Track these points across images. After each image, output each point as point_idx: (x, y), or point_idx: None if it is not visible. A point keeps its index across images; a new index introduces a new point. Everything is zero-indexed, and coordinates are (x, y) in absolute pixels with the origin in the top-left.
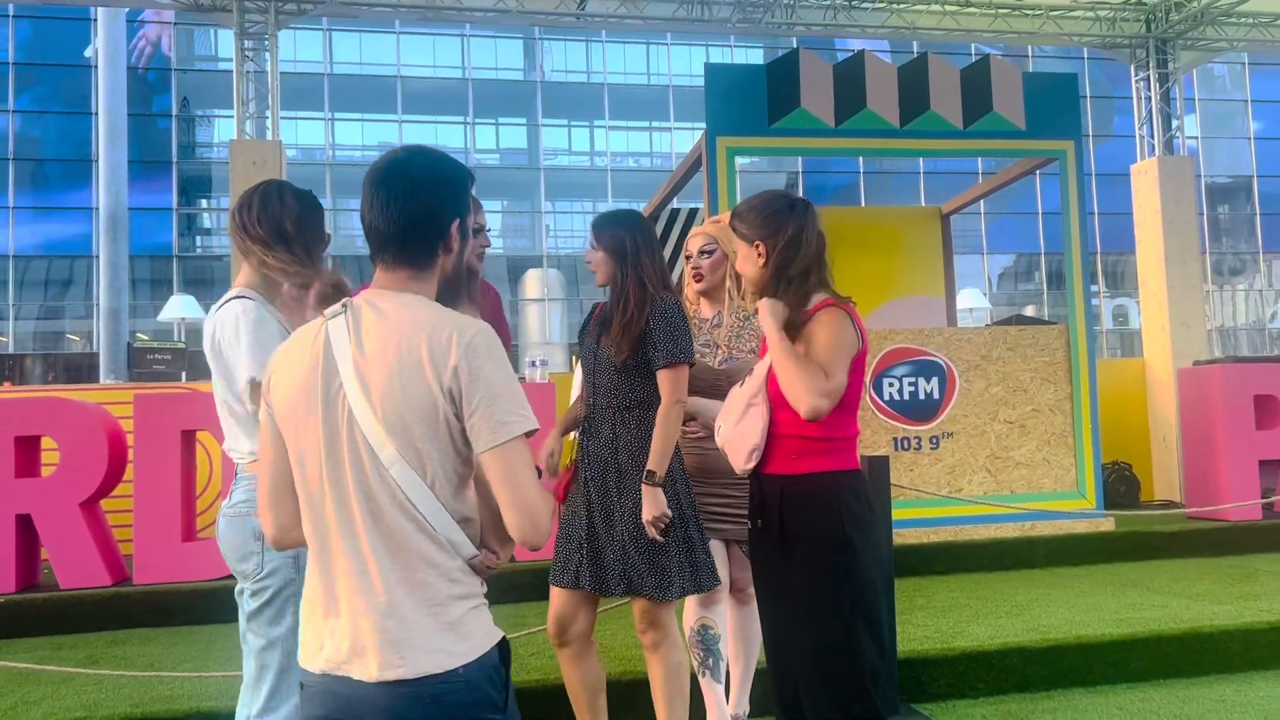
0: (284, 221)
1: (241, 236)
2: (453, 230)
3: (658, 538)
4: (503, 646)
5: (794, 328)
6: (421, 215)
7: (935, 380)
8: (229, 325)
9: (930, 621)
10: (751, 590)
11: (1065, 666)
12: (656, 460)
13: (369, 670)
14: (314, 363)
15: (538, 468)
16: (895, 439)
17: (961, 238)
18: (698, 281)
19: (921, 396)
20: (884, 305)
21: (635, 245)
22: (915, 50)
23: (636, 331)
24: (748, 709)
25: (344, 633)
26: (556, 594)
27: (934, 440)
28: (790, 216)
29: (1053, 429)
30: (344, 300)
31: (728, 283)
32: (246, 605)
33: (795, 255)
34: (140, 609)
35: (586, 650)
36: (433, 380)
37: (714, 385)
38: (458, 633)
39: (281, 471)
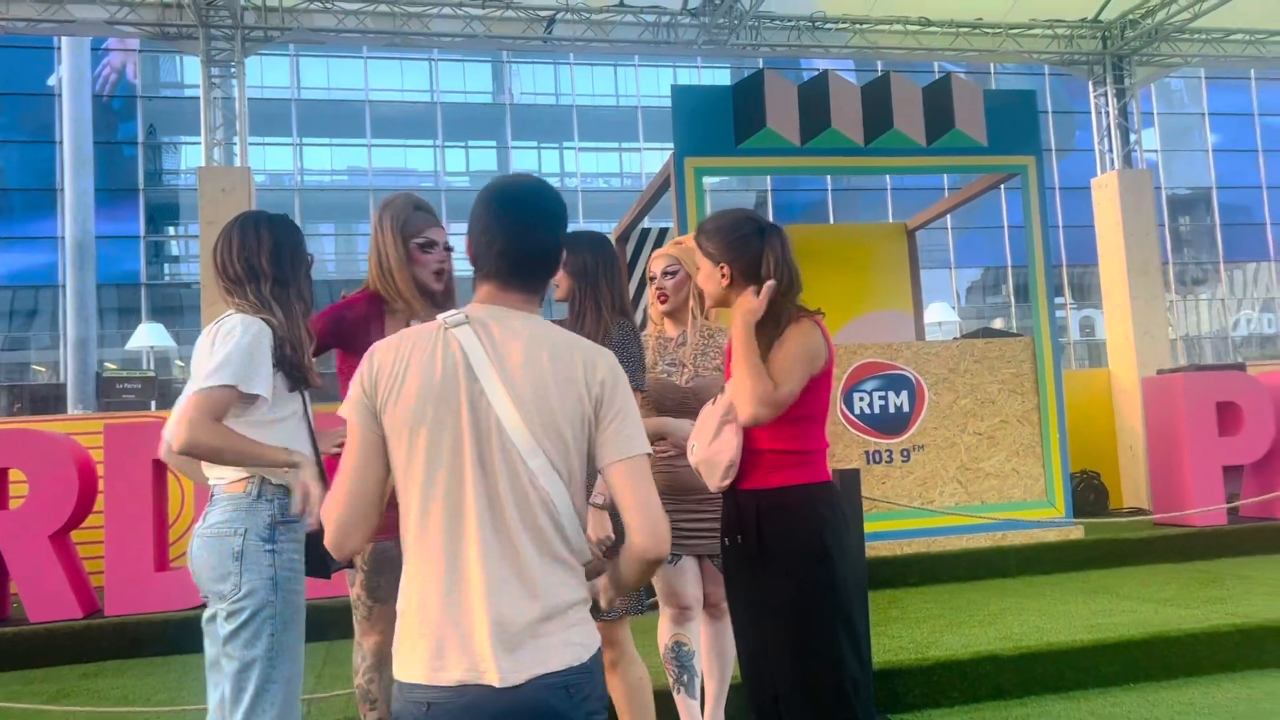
0: (259, 258)
1: (217, 276)
2: (562, 261)
3: (600, 558)
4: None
5: (765, 343)
6: (553, 246)
7: (905, 394)
8: (223, 330)
9: (905, 632)
10: (725, 605)
11: (1037, 673)
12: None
13: (513, 674)
14: (449, 369)
15: None
16: (866, 452)
17: (929, 252)
18: (663, 303)
19: (891, 410)
20: (853, 321)
21: (596, 267)
22: (879, 70)
23: None
24: None
25: (482, 638)
26: None
27: (905, 453)
28: (759, 242)
29: (1021, 440)
30: (462, 311)
31: (691, 302)
32: (222, 628)
33: (760, 280)
34: (112, 641)
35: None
36: (585, 392)
37: (682, 404)
38: (583, 628)
39: (378, 482)
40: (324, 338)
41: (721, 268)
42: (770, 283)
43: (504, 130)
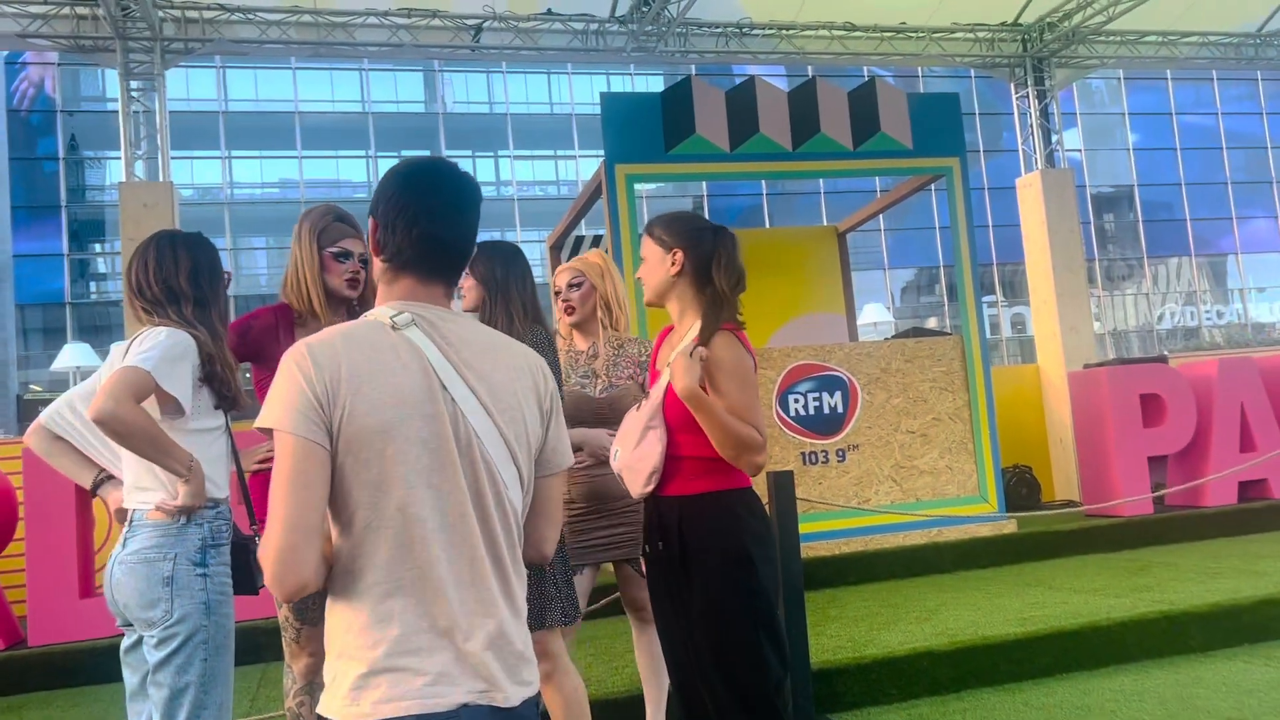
0: (177, 280)
1: (133, 297)
2: None
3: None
4: None
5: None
6: (473, 231)
7: (839, 394)
8: (145, 335)
9: (843, 631)
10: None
11: (972, 667)
12: None
13: (512, 691)
14: (418, 375)
15: None
16: (803, 453)
17: (864, 254)
18: (569, 315)
19: (826, 411)
20: (787, 324)
21: (505, 275)
22: (810, 74)
23: None
24: None
25: (488, 658)
26: None
27: (840, 453)
28: (712, 238)
29: (953, 436)
30: (403, 310)
31: (599, 314)
32: (151, 655)
33: (709, 275)
34: (37, 672)
35: (568, 666)
36: (541, 403)
37: (598, 415)
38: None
39: (323, 503)
40: (232, 350)
41: (674, 253)
42: (701, 349)
43: (438, 140)
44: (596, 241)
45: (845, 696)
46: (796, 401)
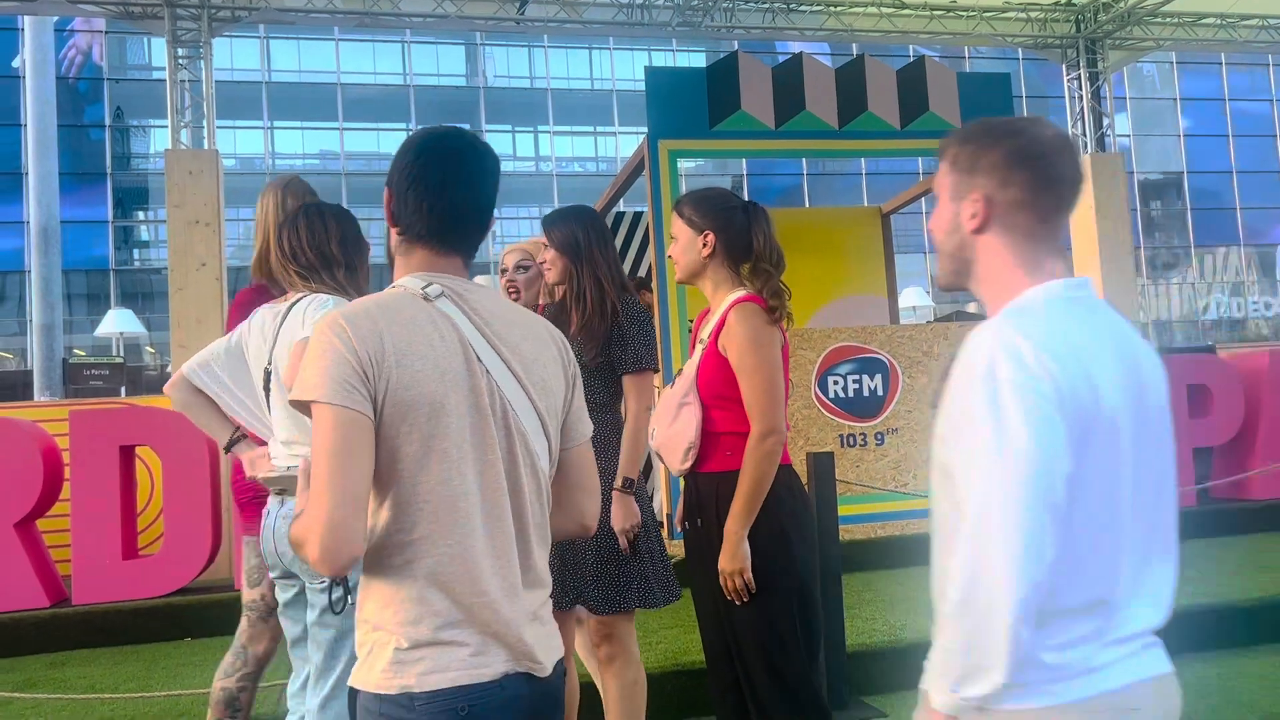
0: (329, 246)
1: (286, 263)
2: None
3: (626, 548)
4: None
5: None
6: (489, 202)
7: (879, 377)
8: (316, 303)
9: (879, 615)
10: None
11: None
12: (629, 467)
13: (548, 660)
14: (451, 344)
15: None
16: (840, 436)
17: (904, 237)
18: (514, 297)
19: (865, 393)
20: (828, 305)
21: (589, 241)
22: (854, 52)
23: (602, 332)
24: None
25: (527, 627)
26: None
27: (879, 436)
28: (745, 217)
29: None
30: (433, 281)
31: (542, 298)
32: (319, 599)
33: (742, 254)
34: (80, 630)
35: (570, 667)
36: (565, 374)
37: None
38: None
39: (369, 474)
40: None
41: (705, 235)
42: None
43: (478, 113)
44: (637, 219)
45: (880, 680)
46: (836, 383)
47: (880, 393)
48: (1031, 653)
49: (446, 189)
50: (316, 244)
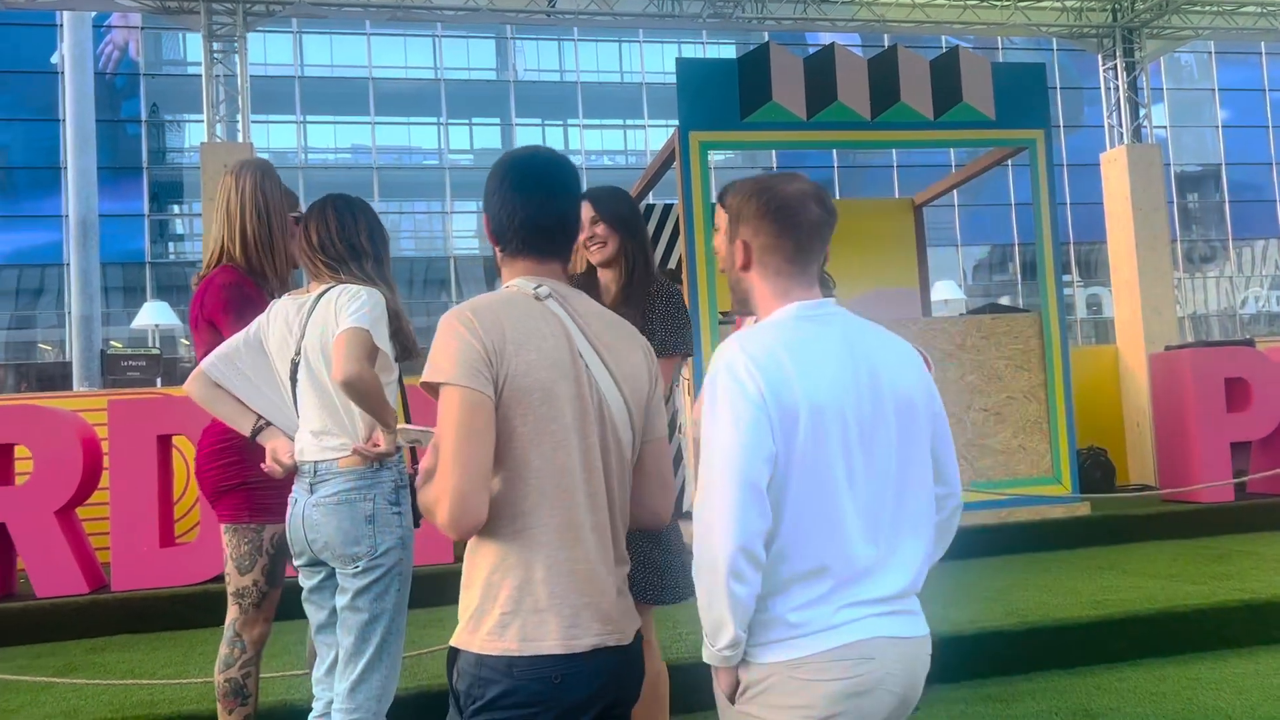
0: (359, 238)
1: (313, 254)
2: None
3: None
4: None
5: None
6: (574, 213)
7: None
8: (347, 293)
9: None
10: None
11: (1043, 649)
12: None
13: (631, 630)
14: (560, 340)
15: None
16: None
17: (935, 230)
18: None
19: None
20: (859, 297)
21: (633, 218)
22: (886, 44)
23: (640, 306)
24: None
25: (614, 602)
26: None
27: None
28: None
29: (1028, 416)
30: (543, 283)
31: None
32: (350, 584)
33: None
34: (118, 616)
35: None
36: (649, 374)
37: None
38: None
39: (491, 450)
40: (233, 312)
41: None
42: None
43: (508, 107)
44: (667, 211)
45: None
46: None
47: None
48: (778, 614)
49: (532, 207)
50: (346, 236)
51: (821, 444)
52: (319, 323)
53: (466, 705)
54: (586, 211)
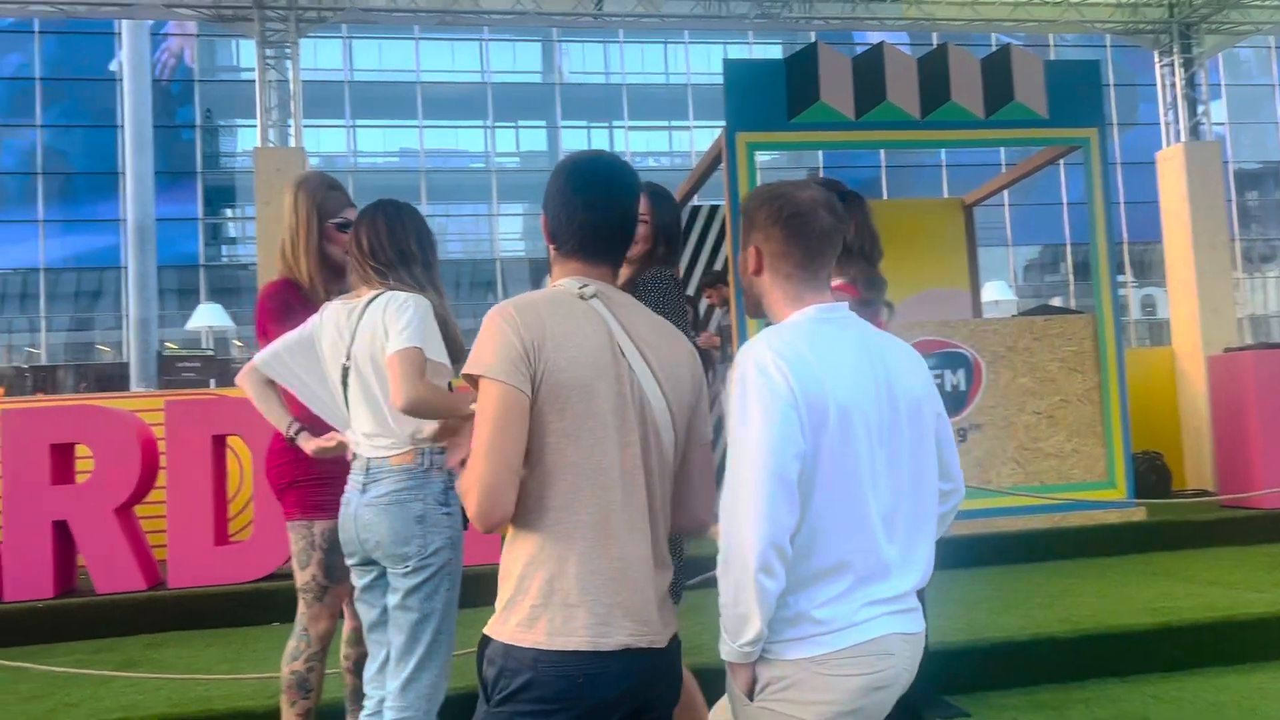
0: (408, 244)
1: (364, 260)
2: None
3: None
4: None
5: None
6: (631, 218)
7: (961, 372)
8: (394, 304)
9: (960, 613)
10: None
11: (1098, 656)
12: None
13: (664, 636)
14: (601, 339)
15: None
16: None
17: (985, 230)
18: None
19: (948, 388)
20: (908, 298)
21: (672, 212)
22: (934, 43)
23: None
24: None
25: (648, 603)
26: None
27: (961, 432)
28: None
29: (1082, 419)
30: (588, 283)
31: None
32: (401, 584)
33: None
34: (175, 612)
35: None
36: (696, 374)
37: None
38: None
39: (523, 446)
40: (279, 319)
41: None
42: None
43: (554, 110)
44: (713, 213)
45: (962, 679)
46: None
47: (963, 388)
48: (802, 610)
49: (591, 210)
50: (396, 241)
51: (848, 442)
52: (368, 330)
53: (493, 694)
54: (644, 204)
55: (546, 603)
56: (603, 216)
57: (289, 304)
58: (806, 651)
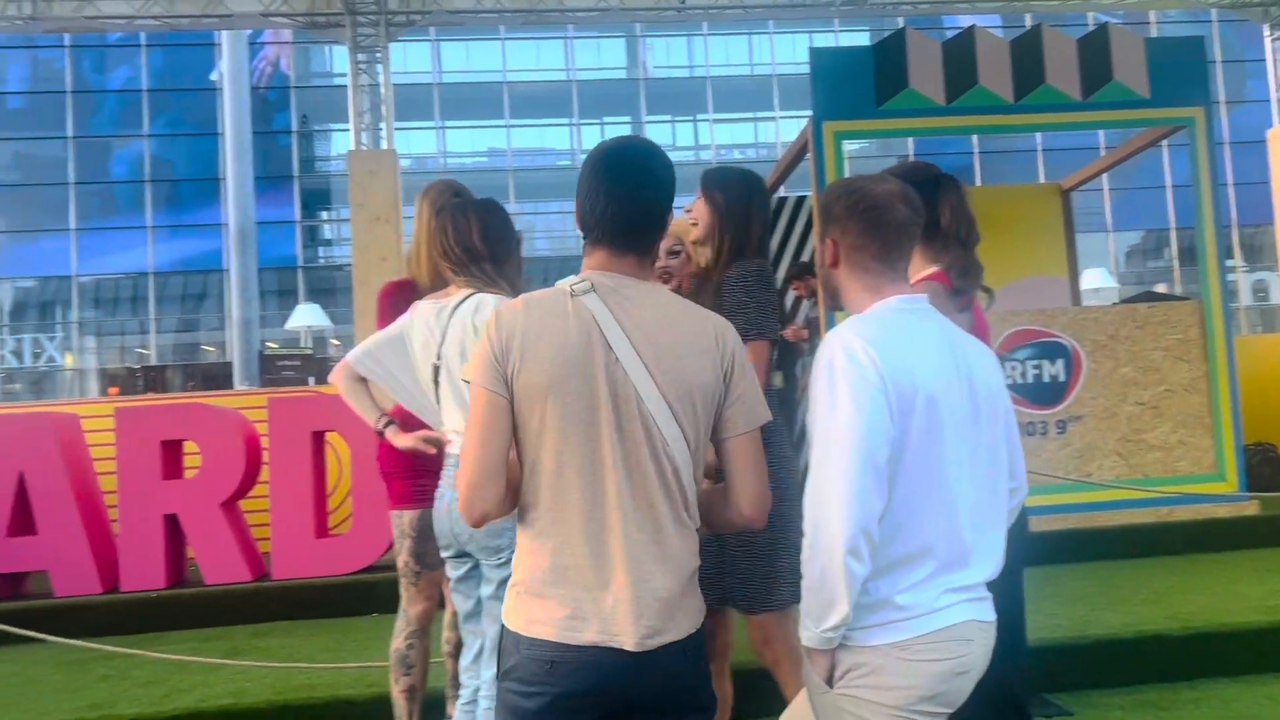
0: (472, 240)
1: (440, 259)
2: (668, 222)
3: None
4: None
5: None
6: (656, 206)
7: (1060, 362)
8: (483, 309)
9: (1061, 610)
10: None
11: (1208, 655)
12: None
13: (648, 640)
14: (584, 335)
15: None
16: (1019, 424)
17: (1083, 217)
18: (666, 283)
19: (1046, 379)
20: (1004, 287)
21: (744, 196)
22: (1027, 24)
23: (706, 290)
24: None
25: (621, 603)
26: None
27: (1060, 424)
28: (931, 189)
29: (1189, 409)
30: (585, 279)
31: (686, 285)
32: (496, 574)
33: (932, 229)
34: (278, 603)
35: (720, 669)
36: (717, 363)
37: None
38: (698, 593)
39: (504, 446)
40: (384, 318)
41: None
42: None
43: (638, 105)
44: (799, 204)
45: (1063, 677)
46: (1014, 369)
47: (1062, 379)
48: (884, 596)
49: (613, 199)
50: (461, 240)
51: (934, 430)
52: (458, 330)
53: (499, 671)
54: (706, 190)
55: (528, 592)
56: (626, 206)
57: (406, 301)
58: (888, 637)
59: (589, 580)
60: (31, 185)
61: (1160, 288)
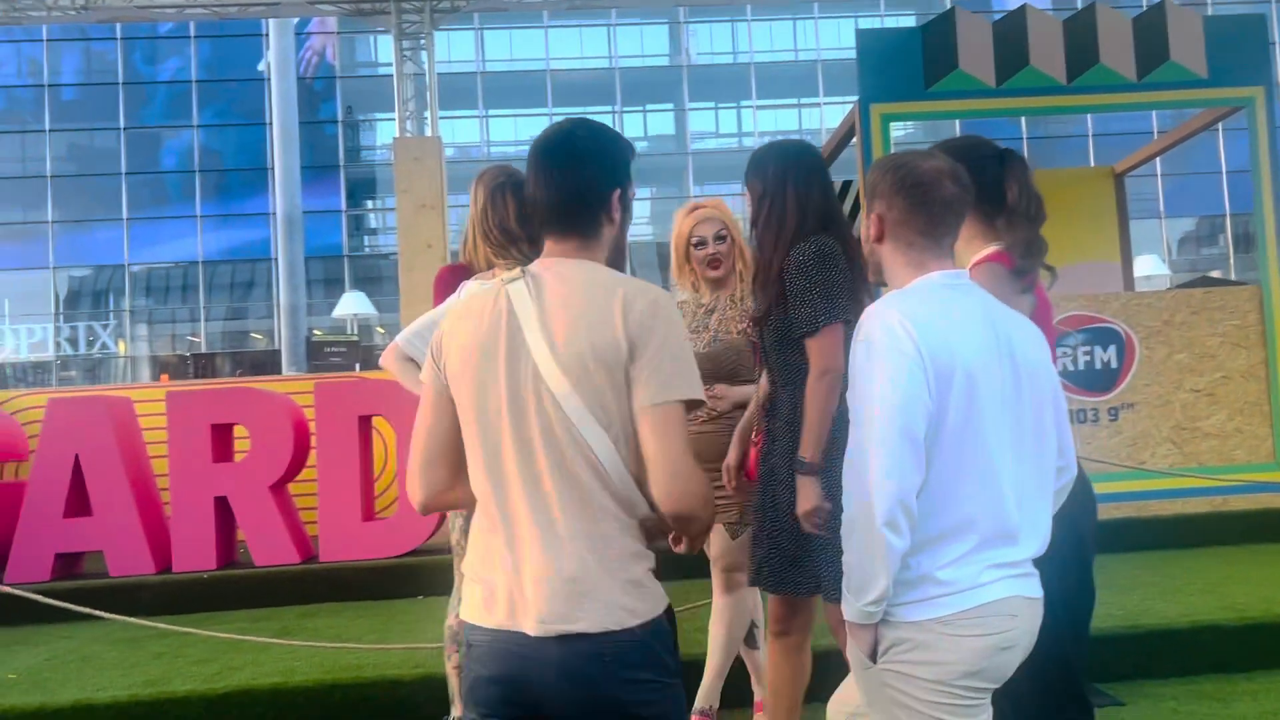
0: (509, 222)
1: (482, 241)
2: (613, 200)
3: (815, 532)
4: (670, 612)
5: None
6: (583, 186)
7: (1113, 348)
8: None
9: (1113, 599)
10: (743, 575)
11: (1266, 647)
12: (808, 445)
13: (549, 625)
14: (495, 321)
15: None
16: (1070, 411)
17: (1136, 203)
18: (716, 270)
19: (1098, 366)
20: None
21: (779, 175)
22: (1079, 4)
23: (769, 281)
24: (718, 703)
25: (525, 588)
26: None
27: (1112, 412)
28: (999, 167)
29: (1246, 397)
30: (522, 267)
31: (738, 266)
32: None
33: (998, 206)
34: (326, 585)
35: (803, 645)
36: (620, 326)
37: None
38: (636, 592)
39: (444, 434)
40: (438, 300)
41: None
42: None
43: (681, 92)
44: (846, 188)
45: (1116, 667)
46: (1065, 355)
47: (1114, 365)
48: (925, 572)
49: (544, 184)
50: (499, 222)
51: (974, 404)
52: None
53: None
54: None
55: (467, 577)
56: (553, 190)
57: (460, 285)
58: (931, 613)
59: (506, 563)
60: (86, 176)
61: (1216, 273)
